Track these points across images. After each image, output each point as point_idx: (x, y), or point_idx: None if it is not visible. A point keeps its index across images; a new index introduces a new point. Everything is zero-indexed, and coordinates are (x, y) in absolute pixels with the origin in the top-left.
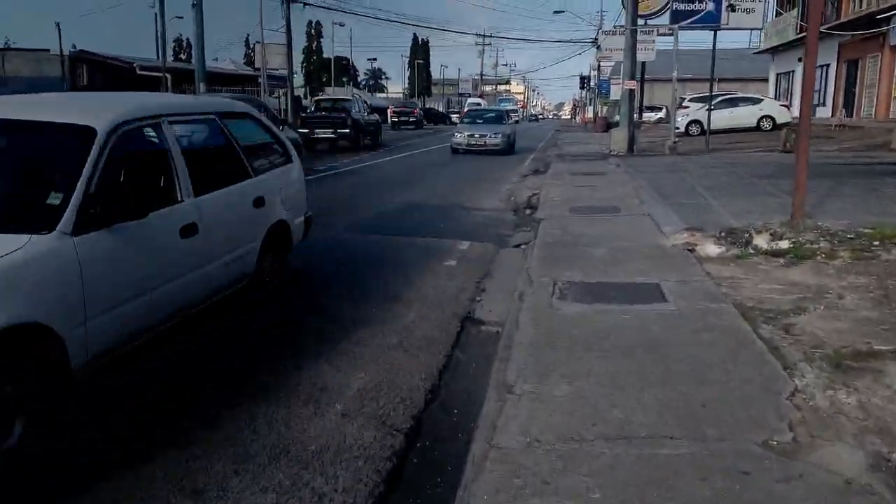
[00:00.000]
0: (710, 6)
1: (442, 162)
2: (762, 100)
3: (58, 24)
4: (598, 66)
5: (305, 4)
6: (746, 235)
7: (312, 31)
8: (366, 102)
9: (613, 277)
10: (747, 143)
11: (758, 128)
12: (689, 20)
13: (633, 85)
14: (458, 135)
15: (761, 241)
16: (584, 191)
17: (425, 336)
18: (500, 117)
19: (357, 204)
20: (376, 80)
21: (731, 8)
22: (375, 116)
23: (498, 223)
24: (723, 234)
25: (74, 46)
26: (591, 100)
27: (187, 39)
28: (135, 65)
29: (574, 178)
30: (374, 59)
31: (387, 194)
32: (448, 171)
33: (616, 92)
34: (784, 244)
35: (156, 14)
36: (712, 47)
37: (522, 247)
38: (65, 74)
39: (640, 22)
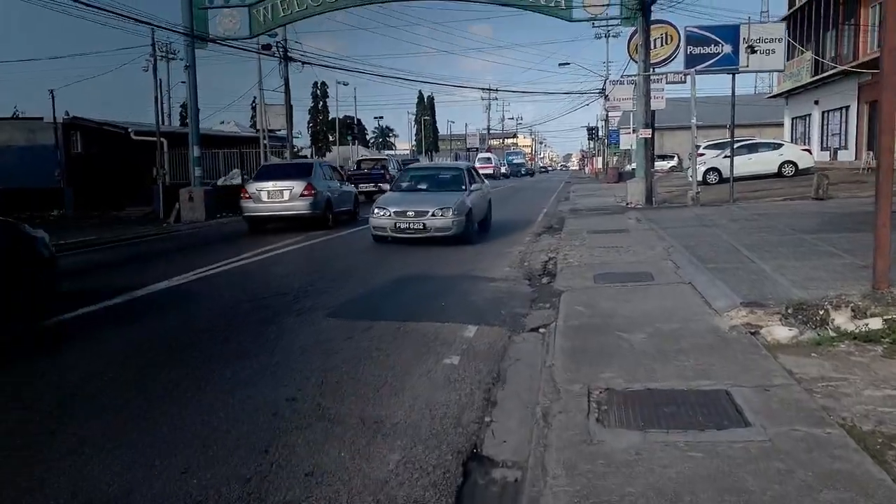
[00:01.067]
0: (727, 49)
1: None
2: (782, 144)
3: (51, 92)
4: (606, 116)
5: (304, 63)
6: (821, 312)
7: (318, 91)
8: (398, 161)
9: (665, 380)
10: (772, 191)
11: (779, 174)
12: (706, 64)
13: (648, 133)
14: (381, 212)
15: (842, 320)
16: (608, 253)
17: (410, 498)
18: (456, 180)
19: (370, 266)
20: (384, 137)
21: (751, 49)
22: None
23: (510, 297)
24: (789, 310)
25: (67, 113)
26: (599, 150)
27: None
28: (129, 130)
29: (594, 237)
30: (381, 117)
31: (394, 255)
32: None
33: (626, 142)
34: (874, 323)
35: (159, 79)
36: (731, 92)
37: (541, 330)
38: (58, 142)
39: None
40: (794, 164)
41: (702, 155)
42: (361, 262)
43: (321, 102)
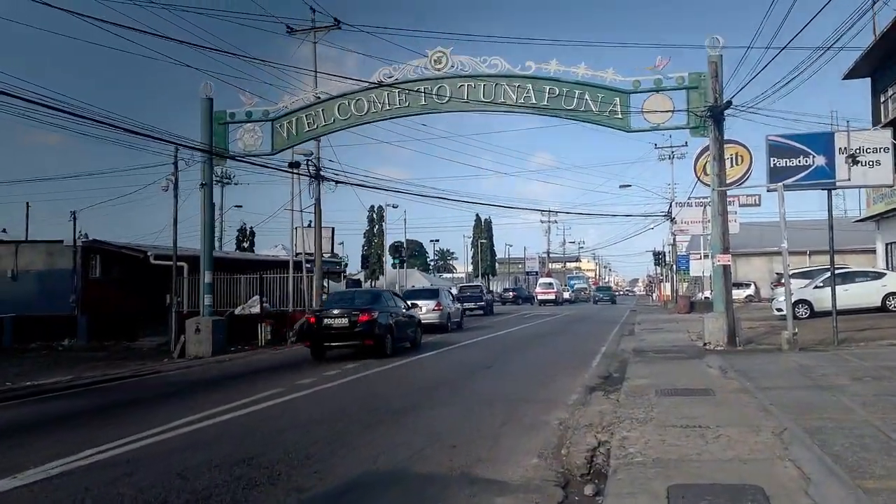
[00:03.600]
0: (820, 161)
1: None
2: (885, 274)
3: (73, 213)
4: (674, 240)
5: (337, 183)
6: None
7: (374, 214)
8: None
9: None
10: (884, 331)
11: (883, 308)
12: (795, 178)
13: (727, 259)
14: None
15: None
16: (687, 437)
17: None
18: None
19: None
20: (445, 260)
21: (853, 160)
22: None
23: None
24: None
25: (87, 235)
26: (667, 276)
27: (251, 228)
28: (148, 253)
29: (665, 403)
30: (437, 240)
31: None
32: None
33: (696, 268)
34: None
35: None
36: (828, 211)
37: None
38: (76, 266)
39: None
40: None
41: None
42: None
43: (377, 226)
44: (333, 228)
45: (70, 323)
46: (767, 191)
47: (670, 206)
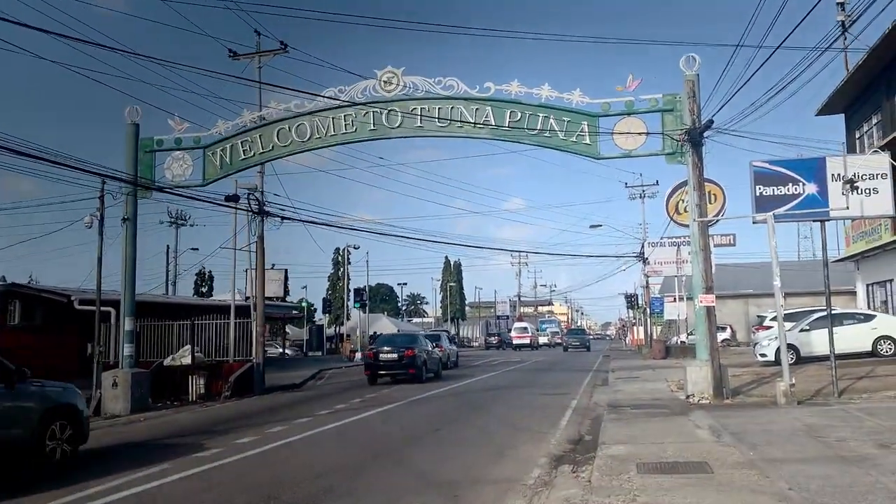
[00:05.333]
0: (811, 188)
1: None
2: (874, 316)
3: None
4: (647, 282)
5: (283, 219)
6: None
7: (339, 256)
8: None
9: None
10: (885, 379)
11: (874, 352)
12: (785, 208)
13: (712, 301)
14: None
15: None
16: None
17: None
18: None
19: None
20: (415, 304)
21: (852, 187)
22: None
23: None
24: None
25: (4, 279)
26: (640, 319)
27: (209, 272)
28: (73, 298)
29: (651, 487)
30: (405, 284)
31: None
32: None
33: (670, 311)
34: None
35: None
36: (822, 245)
37: None
38: None
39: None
40: (894, 339)
41: (769, 328)
42: None
43: (342, 269)
44: (286, 270)
45: None
46: (753, 223)
47: (642, 246)
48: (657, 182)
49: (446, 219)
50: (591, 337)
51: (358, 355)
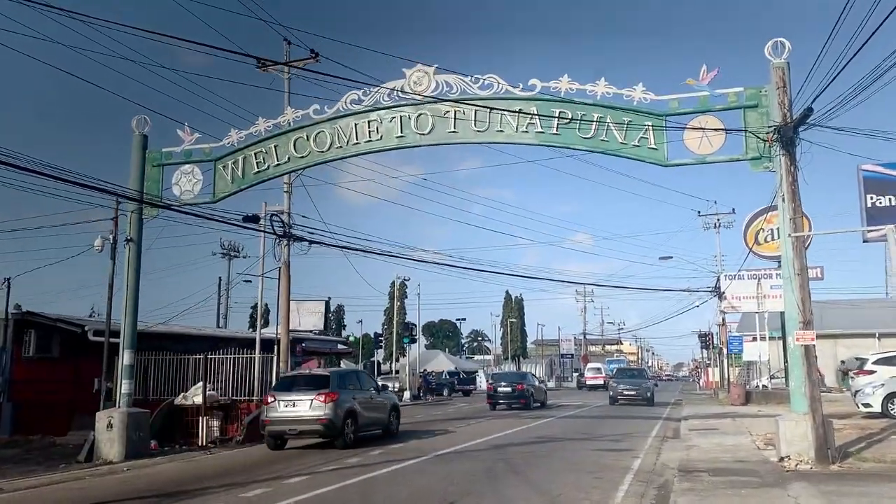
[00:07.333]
0: None
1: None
2: None
3: (7, 280)
4: (723, 319)
5: (311, 243)
6: None
7: (395, 290)
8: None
9: None
10: None
11: None
12: None
13: (812, 339)
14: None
15: None
16: None
17: None
18: None
19: None
20: (478, 341)
21: None
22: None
23: None
24: None
25: (19, 307)
26: (715, 360)
27: (266, 305)
28: (87, 328)
29: None
30: (464, 319)
31: None
32: None
33: (751, 351)
34: None
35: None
36: None
37: None
38: (6, 343)
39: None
40: None
41: (870, 373)
42: None
43: (399, 303)
44: (328, 300)
45: None
46: (864, 240)
47: (718, 279)
48: (734, 210)
49: (508, 249)
50: (657, 381)
51: (407, 394)
